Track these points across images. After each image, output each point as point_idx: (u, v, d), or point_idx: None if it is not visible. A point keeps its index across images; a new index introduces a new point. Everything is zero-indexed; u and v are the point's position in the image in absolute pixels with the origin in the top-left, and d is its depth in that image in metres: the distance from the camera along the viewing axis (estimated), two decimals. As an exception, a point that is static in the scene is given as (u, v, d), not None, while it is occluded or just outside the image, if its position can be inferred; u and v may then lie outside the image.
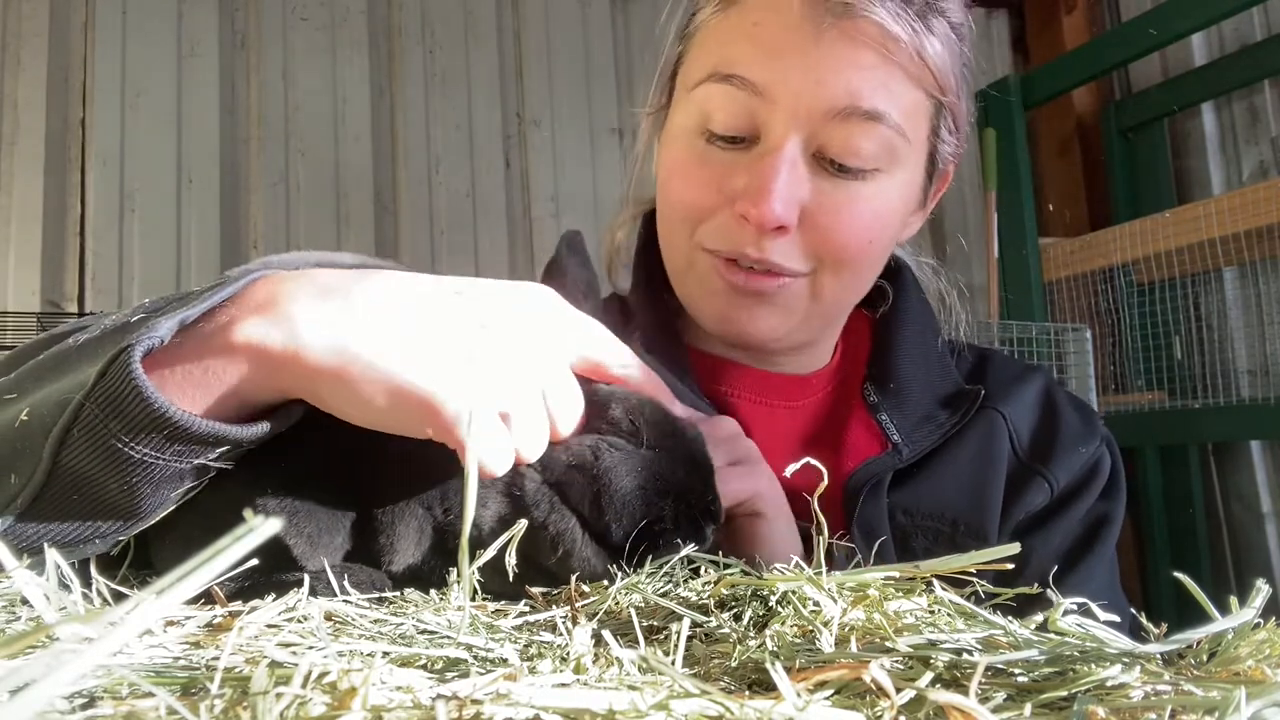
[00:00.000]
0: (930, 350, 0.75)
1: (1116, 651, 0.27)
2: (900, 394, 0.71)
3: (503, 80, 2.89)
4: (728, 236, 0.64)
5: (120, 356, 0.38)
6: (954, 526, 0.67)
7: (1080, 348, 2.41)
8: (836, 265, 0.65)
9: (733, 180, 0.64)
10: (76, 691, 0.24)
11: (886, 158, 0.63)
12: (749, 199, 0.62)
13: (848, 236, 0.64)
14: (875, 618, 0.32)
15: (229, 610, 0.35)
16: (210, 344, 0.40)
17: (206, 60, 2.63)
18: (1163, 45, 2.40)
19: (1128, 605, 0.71)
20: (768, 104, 0.62)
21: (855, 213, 0.63)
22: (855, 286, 0.70)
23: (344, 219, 2.69)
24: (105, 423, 0.38)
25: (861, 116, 0.61)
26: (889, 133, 0.62)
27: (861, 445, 0.70)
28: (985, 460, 0.70)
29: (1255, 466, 2.61)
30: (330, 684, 0.23)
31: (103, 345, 0.41)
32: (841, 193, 0.63)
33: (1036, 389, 0.75)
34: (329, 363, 0.40)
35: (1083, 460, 0.71)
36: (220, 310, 0.41)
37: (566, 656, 0.28)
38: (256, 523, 0.21)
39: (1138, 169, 2.88)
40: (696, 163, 0.66)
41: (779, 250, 0.63)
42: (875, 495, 0.67)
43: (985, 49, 3.28)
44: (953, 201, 3.16)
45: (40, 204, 2.44)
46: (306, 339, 0.40)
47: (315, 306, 0.41)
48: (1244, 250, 2.26)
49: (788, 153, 0.62)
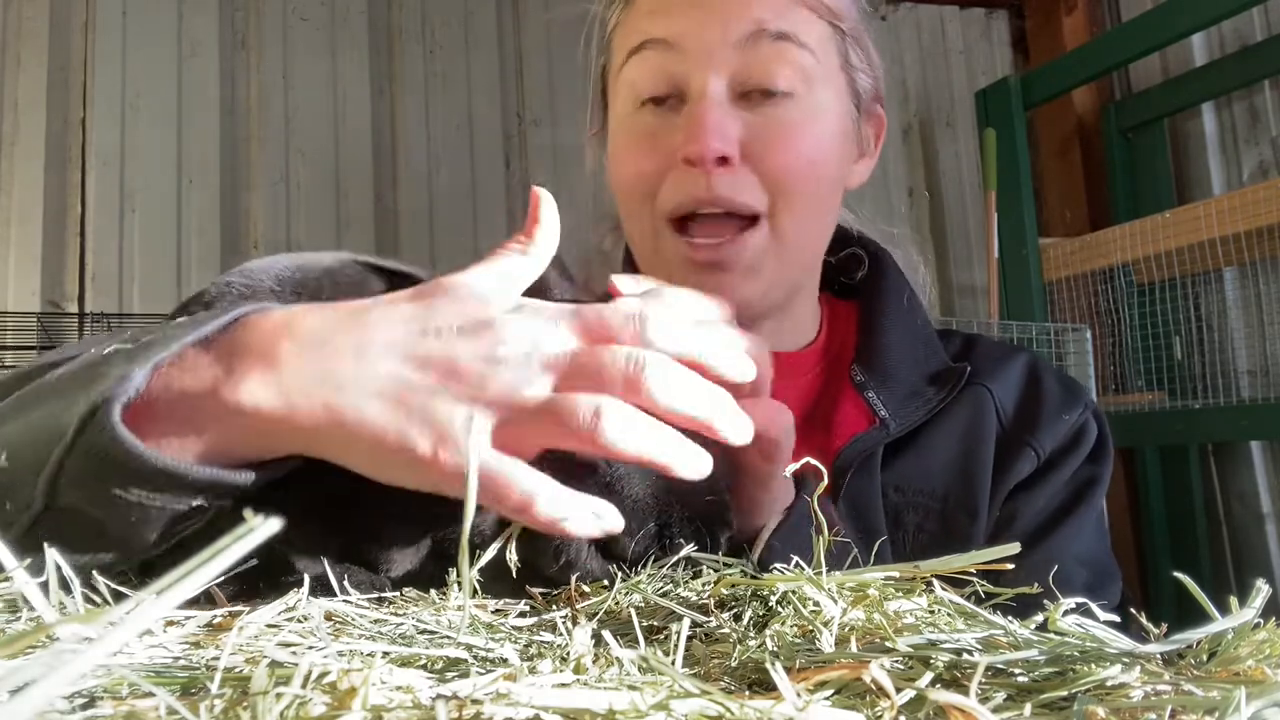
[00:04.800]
0: (915, 329, 0.76)
1: (1116, 651, 0.27)
2: (887, 372, 0.72)
3: (503, 80, 2.89)
4: (680, 188, 0.66)
5: (99, 412, 0.36)
6: (944, 501, 0.68)
7: (1080, 348, 2.41)
8: (787, 194, 0.66)
9: (672, 138, 0.67)
10: (76, 691, 0.24)
11: (804, 79, 0.67)
12: (687, 142, 0.65)
13: (788, 157, 0.66)
14: (875, 618, 0.32)
15: (229, 610, 0.36)
16: (199, 408, 0.38)
17: (206, 60, 2.63)
18: (1163, 45, 2.40)
19: (1117, 568, 0.72)
20: (681, 55, 0.66)
21: (790, 135, 0.66)
22: (813, 224, 0.70)
23: (344, 219, 2.69)
24: (91, 474, 0.37)
25: (770, 38, 0.65)
26: (800, 52, 0.66)
27: (850, 423, 0.70)
28: (973, 435, 0.71)
29: (1255, 466, 2.60)
30: (330, 684, 0.23)
31: (73, 390, 0.39)
32: (772, 120, 0.66)
33: (1022, 364, 0.76)
34: (323, 421, 0.38)
35: (1067, 426, 0.72)
36: (200, 356, 0.39)
37: (566, 656, 0.28)
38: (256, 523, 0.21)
39: (1138, 169, 2.88)
40: (637, 136, 0.70)
41: (728, 184, 0.65)
42: (866, 472, 0.67)
43: (985, 49, 3.28)
44: (953, 201, 3.16)
45: (40, 204, 2.44)
46: (297, 400, 0.38)
47: (303, 363, 0.39)
48: (1244, 250, 2.26)
49: (712, 93, 0.65)
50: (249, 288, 0.63)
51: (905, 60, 3.18)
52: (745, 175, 0.65)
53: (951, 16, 3.28)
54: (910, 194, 3.12)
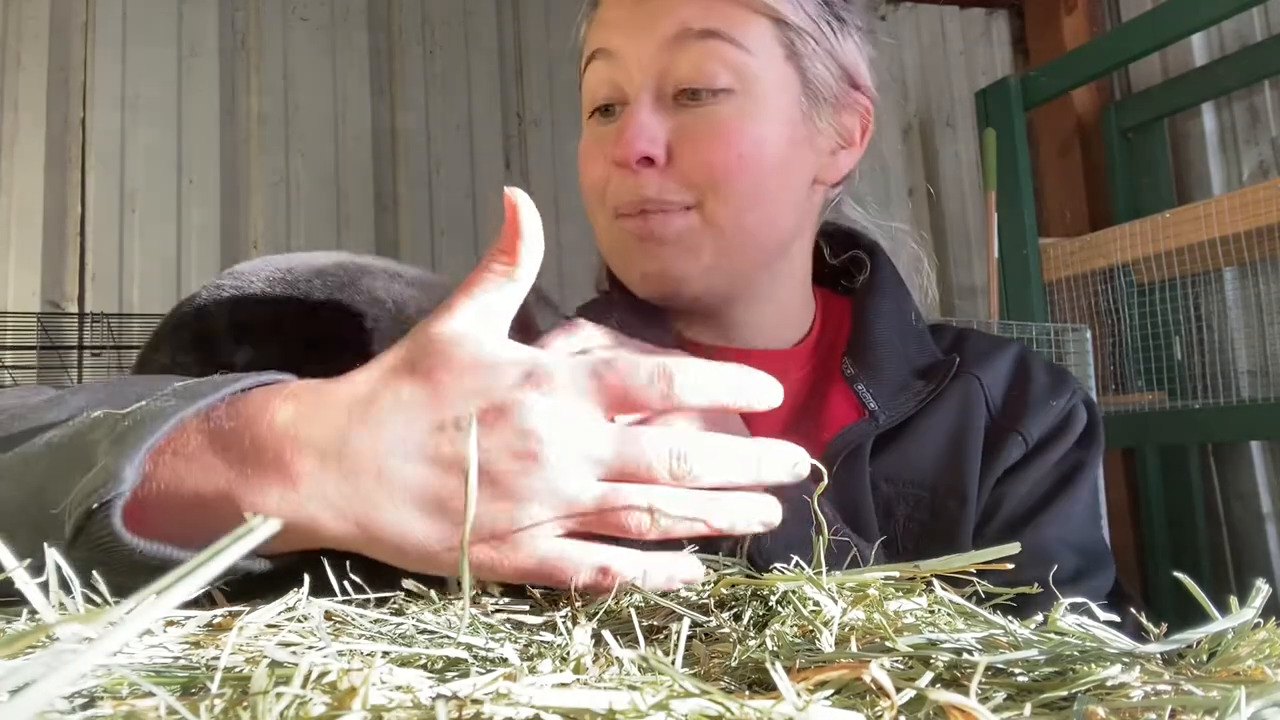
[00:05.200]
0: (906, 324, 0.76)
1: (1116, 651, 0.27)
2: (877, 365, 0.72)
3: (503, 80, 2.89)
4: (618, 190, 0.69)
5: (95, 516, 0.35)
6: (934, 491, 0.68)
7: (1080, 348, 2.41)
8: (714, 187, 0.67)
9: (610, 144, 0.68)
10: (76, 691, 0.24)
11: (736, 75, 0.67)
12: (613, 145, 0.67)
13: (712, 154, 0.66)
14: (875, 618, 0.32)
15: (229, 610, 0.36)
16: (209, 508, 0.38)
17: (206, 60, 2.63)
18: (1163, 45, 2.40)
19: (1110, 556, 0.72)
20: (619, 64, 0.68)
21: (717, 132, 0.66)
22: (753, 212, 0.69)
23: (344, 219, 2.69)
24: (99, 561, 0.36)
25: (695, 37, 0.66)
26: (729, 48, 0.66)
27: (840, 416, 0.71)
28: (962, 424, 0.71)
29: (1255, 466, 2.60)
30: (330, 684, 0.23)
31: (62, 474, 0.38)
32: (701, 119, 0.67)
33: (1011, 355, 0.77)
34: (359, 537, 0.39)
35: (1055, 412, 0.72)
36: (203, 449, 0.38)
37: (566, 656, 0.28)
38: (256, 523, 0.21)
39: (1138, 169, 2.88)
40: (589, 144, 0.72)
41: (653, 184, 0.66)
42: (854, 463, 0.67)
43: (985, 49, 3.28)
44: (953, 201, 3.16)
45: (40, 204, 2.44)
46: (324, 519, 0.38)
47: (325, 480, 0.38)
48: (1244, 250, 2.26)
49: (643, 98, 0.67)
50: (239, 289, 0.63)
51: (905, 60, 3.18)
52: (671, 174, 0.67)
53: (951, 16, 3.28)
54: (910, 194, 3.12)
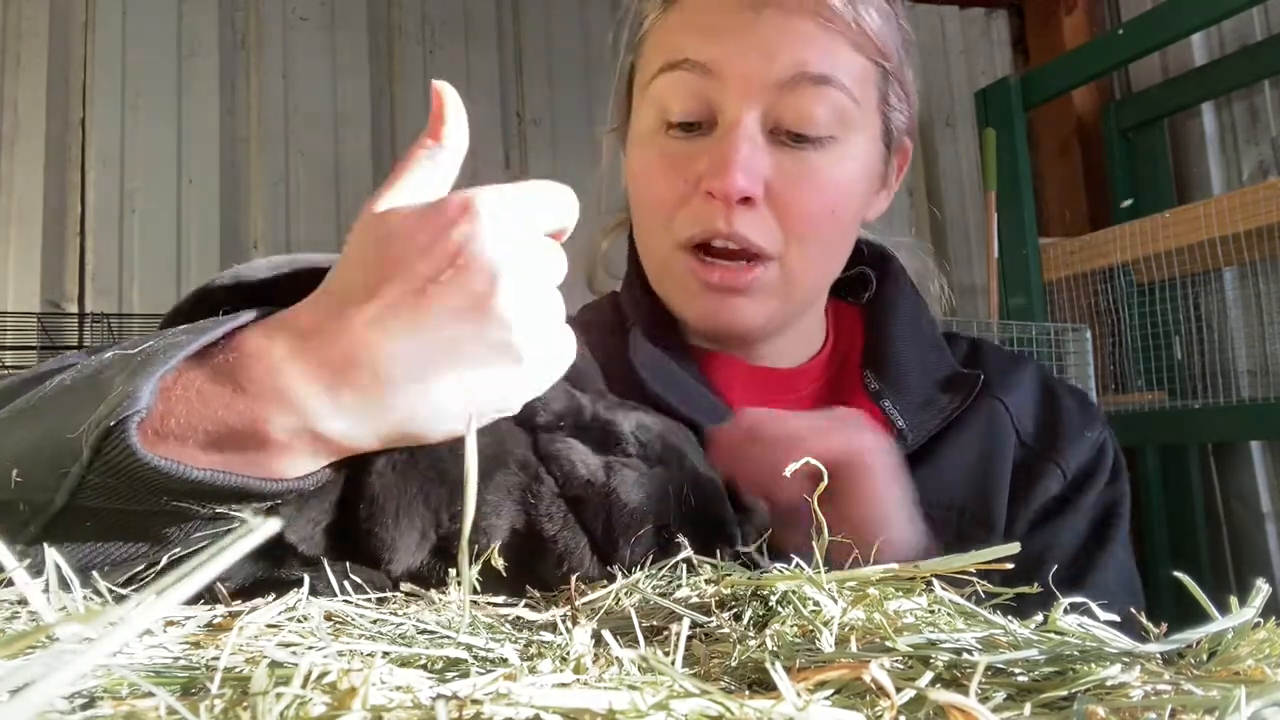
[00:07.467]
0: (923, 334, 0.75)
1: (1116, 651, 0.27)
2: (899, 379, 0.71)
3: (503, 80, 2.89)
4: (698, 219, 0.65)
5: (112, 434, 0.35)
6: (960, 514, 0.68)
7: (1080, 348, 2.41)
8: (802, 239, 0.66)
9: (696, 165, 0.65)
10: (76, 691, 0.24)
11: (840, 123, 0.65)
12: (713, 175, 0.63)
13: (810, 205, 0.65)
14: (875, 618, 0.32)
15: (229, 610, 0.35)
16: (230, 437, 0.37)
17: (206, 60, 2.63)
18: (1163, 45, 2.40)
19: (1141, 591, 0.71)
20: (719, 83, 0.64)
21: (816, 183, 0.65)
22: (825, 264, 0.70)
23: (344, 219, 2.69)
24: (120, 490, 0.36)
25: (811, 82, 0.63)
26: (840, 96, 0.64)
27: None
28: (989, 447, 0.70)
29: (1255, 466, 2.60)
30: (330, 684, 0.23)
31: (79, 403, 0.38)
32: (802, 164, 0.65)
33: (1032, 377, 0.76)
34: (402, 438, 0.40)
35: (1089, 444, 0.72)
36: (207, 383, 0.38)
37: (566, 656, 0.28)
38: (256, 523, 0.21)
39: (1138, 169, 2.88)
40: (660, 159, 0.68)
41: (747, 223, 0.64)
42: None
43: (985, 49, 3.28)
44: (953, 201, 3.16)
45: (40, 204, 2.44)
46: (359, 435, 0.39)
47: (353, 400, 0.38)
48: (1244, 250, 2.26)
49: (746, 127, 0.63)
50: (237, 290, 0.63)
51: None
52: (765, 216, 0.64)
53: (951, 16, 3.28)
54: (910, 194, 3.12)
